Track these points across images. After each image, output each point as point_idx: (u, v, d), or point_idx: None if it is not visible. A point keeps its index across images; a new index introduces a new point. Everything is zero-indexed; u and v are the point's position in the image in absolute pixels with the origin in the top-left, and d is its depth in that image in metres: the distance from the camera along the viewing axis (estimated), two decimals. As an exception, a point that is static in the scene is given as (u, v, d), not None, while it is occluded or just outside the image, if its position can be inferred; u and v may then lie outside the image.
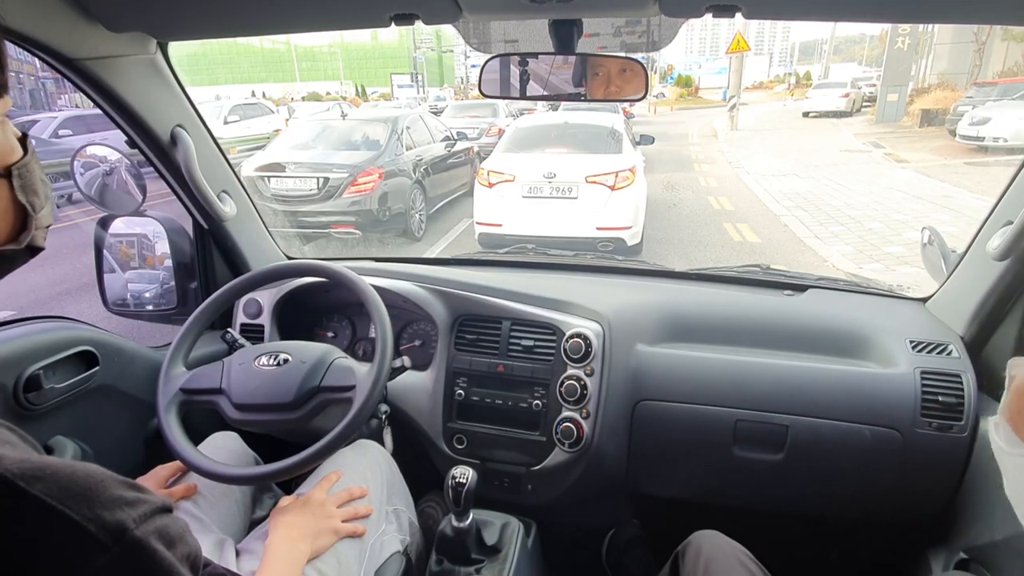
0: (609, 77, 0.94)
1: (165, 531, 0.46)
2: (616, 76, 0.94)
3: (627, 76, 0.94)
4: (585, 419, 1.11)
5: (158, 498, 0.47)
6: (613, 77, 0.94)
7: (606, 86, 0.95)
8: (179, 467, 0.96)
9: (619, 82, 0.94)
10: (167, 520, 0.47)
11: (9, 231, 0.53)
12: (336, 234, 5.32)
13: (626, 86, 0.94)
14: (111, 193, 1.15)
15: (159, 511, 0.46)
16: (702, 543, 0.87)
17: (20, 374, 0.88)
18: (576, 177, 4.61)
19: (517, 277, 1.34)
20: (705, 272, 1.44)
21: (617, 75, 0.94)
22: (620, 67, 0.94)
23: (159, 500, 0.47)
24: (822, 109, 17.73)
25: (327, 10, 0.90)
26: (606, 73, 0.95)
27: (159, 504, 0.46)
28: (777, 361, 1.13)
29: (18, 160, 0.52)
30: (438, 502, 1.30)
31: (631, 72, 0.94)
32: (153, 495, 0.47)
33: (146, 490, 0.47)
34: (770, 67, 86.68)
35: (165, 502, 0.47)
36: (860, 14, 0.85)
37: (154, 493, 0.47)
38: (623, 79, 0.94)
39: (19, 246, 0.53)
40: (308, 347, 1.02)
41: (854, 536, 1.26)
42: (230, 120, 10.82)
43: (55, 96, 26.21)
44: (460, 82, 42.61)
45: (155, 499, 0.47)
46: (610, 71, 0.94)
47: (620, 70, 0.94)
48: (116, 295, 1.25)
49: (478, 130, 8.87)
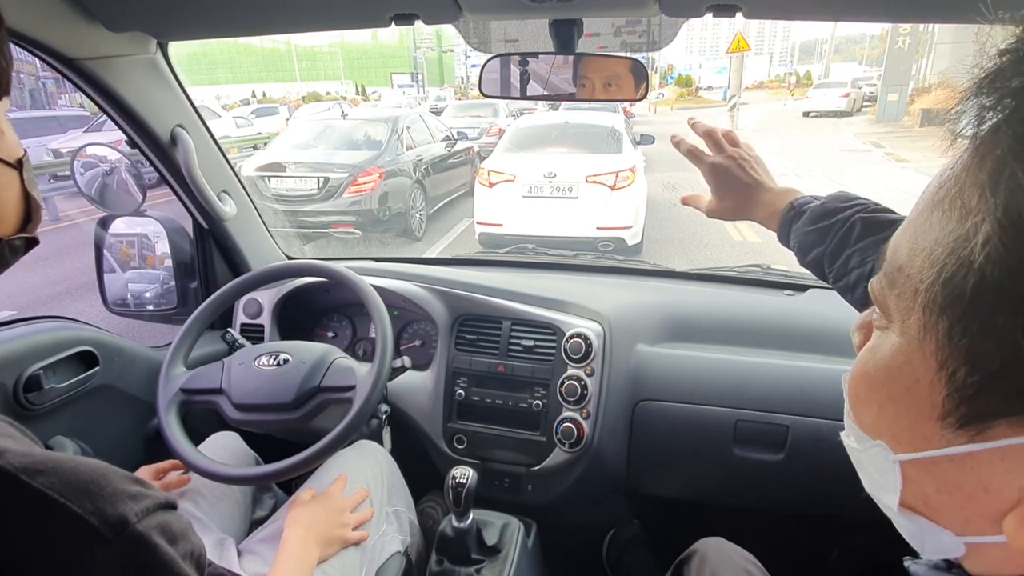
0: (609, 77, 0.94)
1: (167, 527, 0.46)
2: (616, 76, 0.94)
3: (627, 76, 0.94)
4: (585, 419, 1.11)
5: (161, 494, 0.47)
6: (613, 77, 0.94)
7: (606, 86, 0.94)
8: (173, 467, 0.96)
9: (619, 82, 0.94)
10: (170, 516, 0.47)
11: (18, 221, 0.55)
12: (336, 234, 5.32)
13: (626, 86, 0.94)
14: (111, 193, 1.15)
15: (162, 506, 0.46)
16: (708, 550, 0.86)
17: (20, 374, 0.88)
18: (576, 177, 4.61)
19: (517, 277, 1.34)
20: (706, 272, 1.44)
21: (617, 75, 0.94)
22: (620, 67, 0.93)
23: (162, 496, 0.47)
24: (822, 109, 17.74)
25: (327, 10, 0.90)
26: (606, 73, 0.94)
27: (162, 500, 0.47)
28: (778, 361, 1.13)
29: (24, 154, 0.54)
30: (438, 502, 1.30)
31: (631, 72, 0.93)
32: (156, 490, 0.47)
33: (149, 485, 0.47)
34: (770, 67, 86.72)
35: (168, 498, 0.47)
36: (860, 14, 0.84)
37: (157, 488, 0.48)
38: (623, 79, 0.94)
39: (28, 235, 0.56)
40: (308, 347, 1.02)
41: (854, 536, 1.26)
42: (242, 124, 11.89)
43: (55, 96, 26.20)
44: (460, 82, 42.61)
45: (158, 494, 0.47)
46: (610, 71, 0.94)
47: (620, 70, 0.94)
48: (116, 295, 1.25)
49: (478, 130, 8.87)
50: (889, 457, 0.31)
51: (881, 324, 0.31)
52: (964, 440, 0.26)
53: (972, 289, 0.25)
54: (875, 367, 0.31)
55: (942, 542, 0.30)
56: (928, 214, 0.28)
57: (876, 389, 0.32)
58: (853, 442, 0.35)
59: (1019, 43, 0.25)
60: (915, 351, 0.28)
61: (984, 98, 0.26)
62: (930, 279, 0.26)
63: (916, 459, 0.29)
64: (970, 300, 0.25)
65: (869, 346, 0.33)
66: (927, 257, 0.27)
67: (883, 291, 0.31)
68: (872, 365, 0.32)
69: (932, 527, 0.30)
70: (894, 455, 0.31)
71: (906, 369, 0.29)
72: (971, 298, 0.25)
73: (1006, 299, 0.23)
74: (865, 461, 0.34)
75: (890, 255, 0.30)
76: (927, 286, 0.27)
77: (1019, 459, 0.25)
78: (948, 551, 0.30)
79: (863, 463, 0.34)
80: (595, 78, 0.94)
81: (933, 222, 0.27)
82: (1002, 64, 0.25)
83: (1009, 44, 0.25)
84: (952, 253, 0.25)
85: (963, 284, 0.25)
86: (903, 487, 0.31)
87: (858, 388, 0.33)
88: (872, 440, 0.32)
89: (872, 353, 0.32)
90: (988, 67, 0.26)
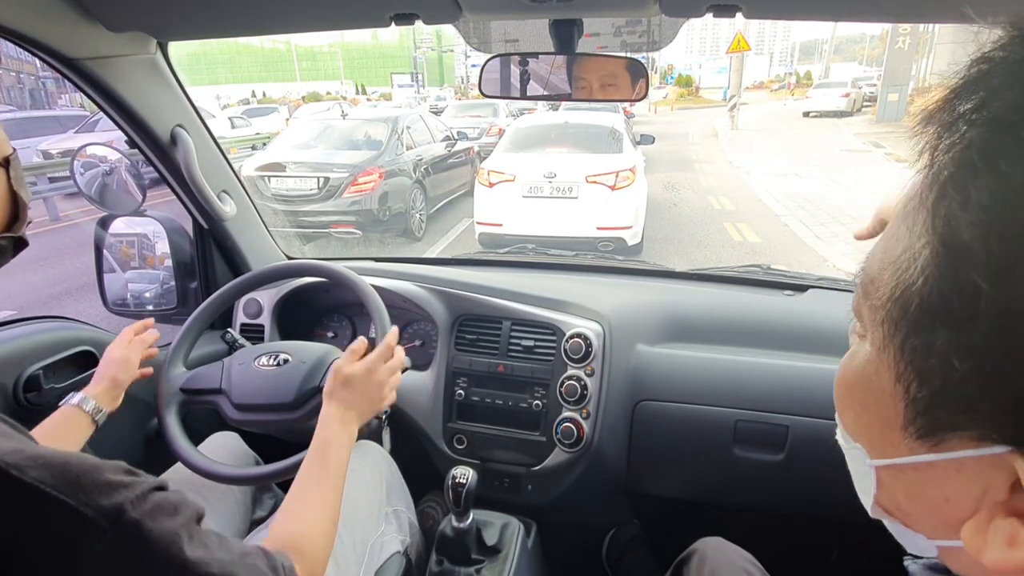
0: (609, 77, 0.94)
1: (164, 504, 0.46)
2: (616, 76, 0.94)
3: (627, 76, 0.94)
4: (585, 419, 1.11)
5: (152, 478, 0.48)
6: (613, 77, 0.94)
7: (606, 86, 0.95)
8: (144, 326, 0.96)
9: (619, 82, 0.94)
10: (162, 495, 0.47)
11: (5, 221, 0.54)
12: (336, 234, 5.32)
13: (626, 86, 0.94)
14: (111, 193, 1.15)
15: (154, 489, 0.47)
16: (707, 550, 0.86)
17: (20, 374, 0.88)
18: (576, 177, 4.61)
19: (517, 277, 1.34)
20: (705, 272, 1.44)
21: (617, 75, 0.94)
22: (620, 67, 0.93)
23: (153, 479, 0.47)
24: (823, 109, 17.73)
25: (327, 10, 0.90)
26: (606, 73, 0.94)
27: (154, 483, 0.47)
28: (778, 361, 1.13)
29: (12, 152, 0.54)
30: (438, 502, 1.30)
31: (631, 72, 0.94)
32: (147, 476, 0.47)
33: (140, 472, 0.47)
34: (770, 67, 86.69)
35: (160, 481, 0.48)
36: (860, 14, 0.84)
37: (147, 474, 0.48)
38: (623, 79, 0.94)
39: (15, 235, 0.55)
40: (308, 347, 1.02)
41: (855, 537, 1.26)
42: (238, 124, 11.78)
43: (55, 96, 26.21)
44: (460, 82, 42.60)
45: (149, 479, 0.47)
46: (610, 71, 0.94)
47: (620, 70, 0.94)
48: (116, 295, 1.25)
49: (478, 130, 8.87)
50: (865, 461, 0.32)
51: (860, 332, 0.32)
52: (925, 450, 0.27)
53: (915, 309, 0.25)
54: (851, 374, 0.33)
55: (917, 544, 0.31)
56: (896, 228, 0.29)
57: (852, 395, 0.33)
58: (842, 441, 0.36)
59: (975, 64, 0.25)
60: (880, 362, 0.29)
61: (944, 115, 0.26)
62: (887, 294, 0.27)
63: (887, 465, 0.30)
64: (914, 319, 0.26)
65: (849, 352, 0.34)
66: (891, 271, 0.28)
67: (859, 301, 0.31)
68: (850, 371, 0.33)
69: (907, 530, 0.32)
70: (870, 459, 0.32)
71: (875, 379, 0.29)
72: (914, 317, 0.25)
73: (941, 321, 0.24)
74: (850, 461, 0.35)
75: (867, 265, 0.31)
76: (884, 300, 0.28)
77: (973, 471, 0.26)
78: (924, 552, 0.32)
79: (849, 463, 0.36)
80: (595, 78, 0.94)
81: (900, 236, 0.28)
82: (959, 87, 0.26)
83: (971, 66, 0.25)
84: (904, 271, 0.26)
85: (908, 303, 0.26)
86: (877, 491, 0.32)
87: (840, 392, 0.34)
88: (853, 442, 0.33)
89: (850, 360, 0.33)
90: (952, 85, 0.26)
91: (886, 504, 0.32)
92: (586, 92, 0.95)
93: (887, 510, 0.33)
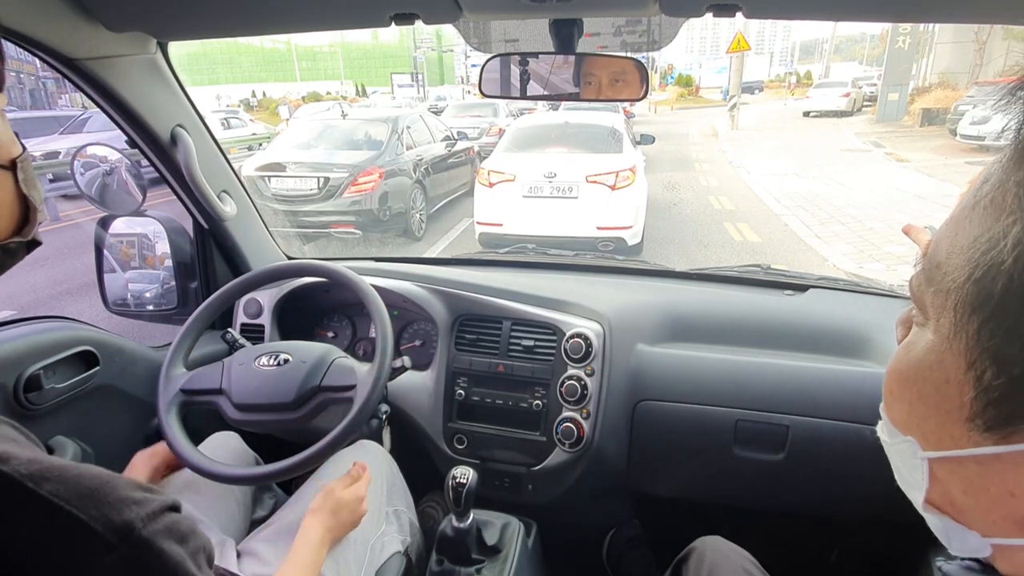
0: (610, 77, 0.94)
1: (175, 528, 0.46)
2: (616, 76, 0.94)
3: (627, 76, 0.94)
4: (585, 419, 1.11)
5: (167, 496, 0.47)
6: (613, 77, 0.94)
7: (606, 86, 0.94)
8: (168, 468, 0.96)
9: (619, 82, 0.94)
10: (176, 518, 0.47)
11: (14, 224, 0.53)
12: (336, 234, 5.32)
13: (626, 86, 0.94)
14: (111, 193, 1.15)
15: (167, 509, 0.46)
16: (705, 549, 0.86)
17: (20, 374, 0.88)
18: (576, 177, 4.61)
19: (517, 277, 1.34)
20: (706, 272, 1.44)
21: (617, 75, 0.94)
22: (620, 67, 0.93)
23: (167, 499, 0.47)
24: (823, 108, 17.73)
25: (327, 10, 0.90)
26: (606, 73, 0.94)
27: (167, 503, 0.47)
28: (778, 361, 1.13)
29: (20, 154, 0.53)
30: (438, 502, 1.30)
31: (631, 72, 0.93)
32: (161, 494, 0.47)
33: (154, 489, 0.47)
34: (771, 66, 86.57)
35: (174, 500, 0.47)
36: (860, 14, 0.84)
37: (162, 492, 0.48)
38: (623, 79, 0.94)
39: (24, 239, 0.54)
40: (308, 347, 1.02)
41: (855, 536, 1.26)
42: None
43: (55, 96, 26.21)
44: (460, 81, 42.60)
45: (163, 498, 0.47)
46: (610, 71, 0.94)
47: (620, 70, 0.94)
48: (116, 295, 1.25)
49: (478, 130, 8.87)
50: (918, 454, 0.31)
51: (919, 321, 0.31)
52: (991, 442, 0.26)
53: (1000, 291, 0.24)
54: (908, 364, 0.31)
55: (968, 542, 0.30)
56: (970, 211, 0.28)
57: (908, 386, 0.31)
58: (885, 436, 0.35)
59: None
60: (947, 350, 0.28)
61: None
62: (963, 278, 0.26)
63: (943, 458, 0.29)
64: (998, 302, 0.24)
65: (905, 342, 0.32)
66: (963, 255, 0.27)
67: (921, 288, 0.30)
68: (905, 362, 0.31)
69: (958, 527, 0.30)
70: (923, 452, 0.31)
71: (937, 368, 0.28)
72: (999, 300, 0.24)
73: None
74: (895, 456, 0.34)
75: (931, 251, 0.30)
76: (959, 285, 0.26)
77: None
78: (975, 551, 0.30)
79: (893, 458, 0.34)
80: (595, 78, 0.94)
81: (973, 219, 0.27)
82: None
83: None
84: (985, 253, 0.25)
85: (992, 285, 0.25)
86: (929, 485, 0.31)
87: (891, 384, 0.33)
88: (903, 436, 0.32)
89: (907, 350, 0.32)
90: None
91: (938, 500, 0.31)
92: (586, 92, 0.95)
93: (937, 506, 0.31)
